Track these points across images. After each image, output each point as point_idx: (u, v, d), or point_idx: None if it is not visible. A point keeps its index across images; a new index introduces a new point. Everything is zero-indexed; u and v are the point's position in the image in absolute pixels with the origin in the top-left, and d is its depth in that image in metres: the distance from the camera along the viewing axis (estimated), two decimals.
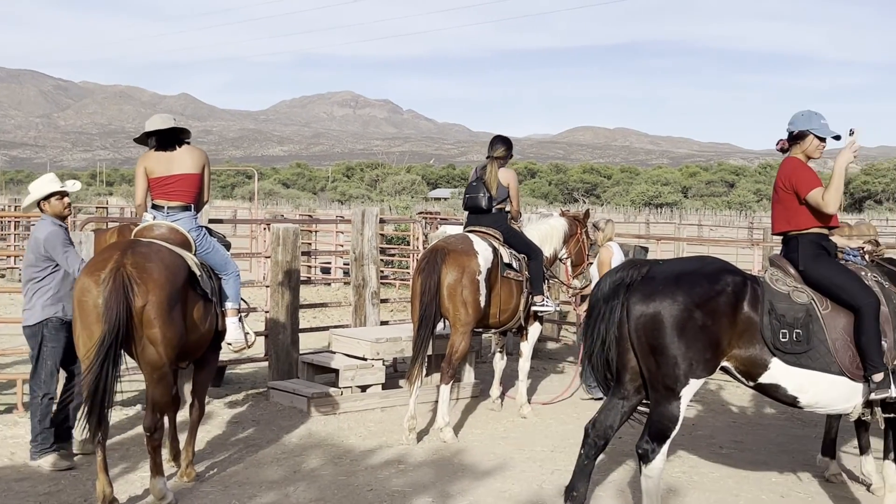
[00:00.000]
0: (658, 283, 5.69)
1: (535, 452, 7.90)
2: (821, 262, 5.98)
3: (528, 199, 78.30)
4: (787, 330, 5.67)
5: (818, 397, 5.85)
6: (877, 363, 5.67)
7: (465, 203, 9.33)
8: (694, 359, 5.57)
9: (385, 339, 9.48)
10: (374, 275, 10.74)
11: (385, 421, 8.86)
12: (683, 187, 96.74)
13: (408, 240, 19.65)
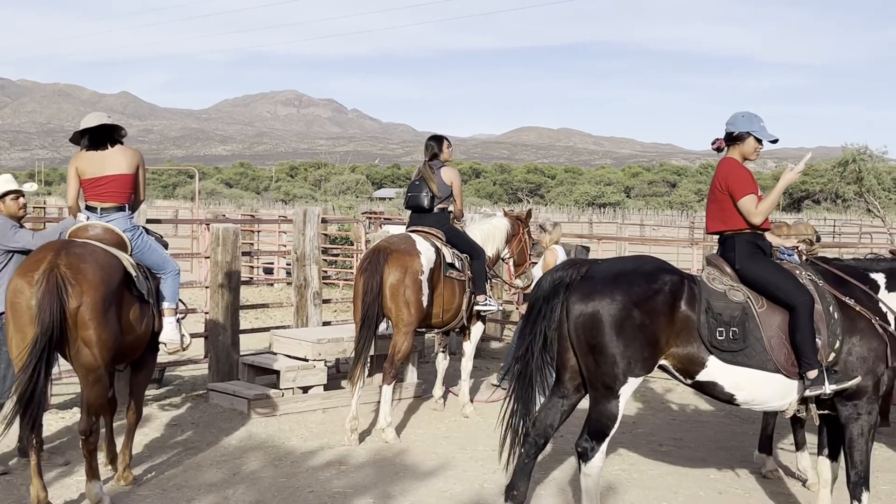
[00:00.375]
0: (597, 282, 5.73)
1: (478, 452, 7.90)
2: (756, 261, 6.05)
3: (472, 199, 78.47)
4: (724, 328, 5.73)
5: (754, 394, 5.92)
6: (811, 360, 5.75)
7: (407, 202, 9.32)
8: (632, 357, 5.61)
9: (327, 339, 9.43)
10: (315, 275, 10.67)
11: (327, 422, 8.81)
12: (626, 187, 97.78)
13: (351, 240, 19.57)
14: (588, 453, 5.73)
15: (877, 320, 5.94)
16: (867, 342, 5.91)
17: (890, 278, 6.15)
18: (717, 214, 6.21)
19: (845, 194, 60.25)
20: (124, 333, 6.34)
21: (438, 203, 9.14)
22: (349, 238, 19.97)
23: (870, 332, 5.92)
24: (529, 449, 5.98)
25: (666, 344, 5.73)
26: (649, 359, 5.70)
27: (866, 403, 5.90)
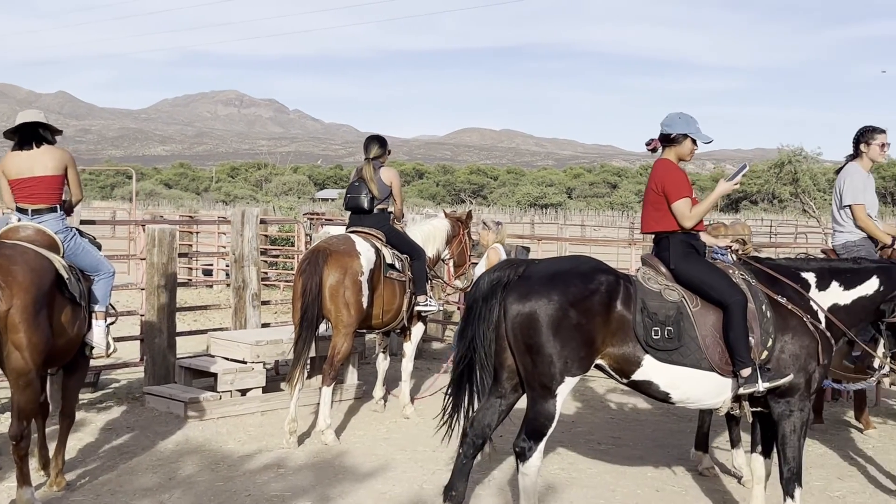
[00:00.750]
0: (534, 282, 5.74)
1: (417, 453, 7.89)
2: (691, 260, 6.10)
3: (415, 200, 78.48)
4: (659, 327, 5.77)
5: (689, 393, 5.98)
6: (745, 359, 5.82)
7: (347, 203, 9.29)
8: (569, 357, 5.64)
9: (265, 341, 9.34)
10: (254, 276, 10.57)
11: (265, 425, 8.73)
12: (568, 188, 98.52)
13: (292, 241, 19.44)
14: (526, 453, 5.74)
15: (808, 318, 6.02)
16: (799, 340, 5.99)
17: (820, 278, 6.23)
18: (652, 215, 6.26)
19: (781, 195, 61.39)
20: (56, 336, 6.22)
21: (378, 204, 9.12)
22: (290, 239, 19.85)
23: (801, 331, 6.00)
24: (467, 449, 5.98)
25: (602, 343, 5.77)
26: (586, 358, 5.73)
27: (798, 400, 5.99)
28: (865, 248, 7.56)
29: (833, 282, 6.20)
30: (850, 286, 6.19)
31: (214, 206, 68.67)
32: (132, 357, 10.37)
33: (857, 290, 6.19)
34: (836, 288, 6.19)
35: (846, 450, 8.40)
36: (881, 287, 6.17)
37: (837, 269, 6.31)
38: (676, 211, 6.10)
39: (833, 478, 7.58)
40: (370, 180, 9.04)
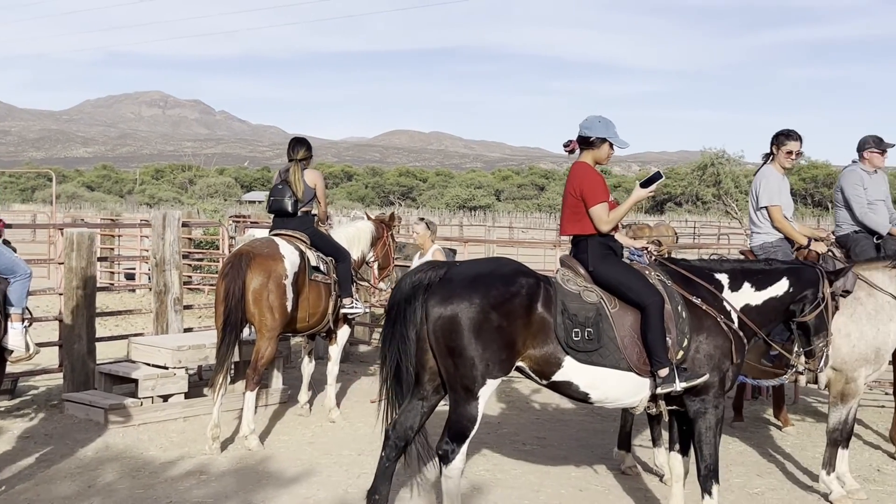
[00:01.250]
0: (455, 285, 5.76)
1: (342, 457, 7.85)
2: (609, 262, 6.18)
3: (344, 202, 78.12)
4: (579, 329, 5.83)
5: (608, 393, 6.05)
6: (662, 359, 5.90)
7: (270, 206, 9.21)
8: (490, 360, 5.66)
9: (187, 346, 9.22)
10: (176, 280, 10.42)
11: (188, 431, 8.61)
12: (496, 190, 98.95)
13: (216, 244, 19.20)
14: (449, 455, 5.75)
15: (722, 319, 6.12)
16: (713, 340, 6.09)
17: (732, 278, 6.34)
18: (571, 218, 6.30)
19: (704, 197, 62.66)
20: None
21: (302, 206, 9.07)
22: (214, 242, 19.61)
23: (716, 331, 6.10)
24: (390, 452, 5.97)
25: (523, 346, 5.80)
26: (507, 361, 5.75)
27: (713, 398, 6.09)
28: (782, 249, 7.71)
29: (745, 283, 6.32)
30: (762, 287, 6.31)
31: (138, 210, 67.56)
32: (51, 363, 10.15)
33: (768, 290, 6.30)
34: (748, 289, 6.30)
35: (765, 447, 8.58)
36: (790, 288, 6.30)
37: (749, 270, 6.42)
38: (594, 215, 6.17)
39: (752, 475, 7.73)
40: (295, 182, 8.97)
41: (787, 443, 8.77)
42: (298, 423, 9.06)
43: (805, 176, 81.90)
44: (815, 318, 6.28)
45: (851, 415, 7.21)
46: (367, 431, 8.72)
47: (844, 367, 7.13)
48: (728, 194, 57.71)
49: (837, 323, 7.16)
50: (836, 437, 7.15)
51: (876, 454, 8.48)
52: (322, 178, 9.32)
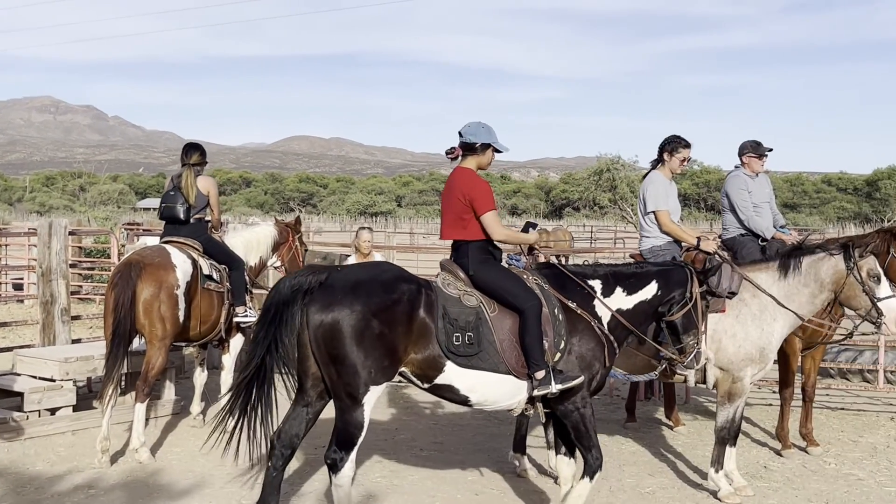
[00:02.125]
0: (336, 291, 5.71)
1: (237, 468, 7.70)
2: (488, 266, 6.25)
3: (242, 209, 77.20)
4: (460, 333, 5.88)
5: (487, 395, 6.11)
6: (539, 361, 5.97)
7: (162, 213, 9.04)
8: (373, 367, 5.65)
9: (75, 358, 8.95)
10: (63, 290, 10.14)
11: (76, 444, 8.37)
12: (397, 196, 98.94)
13: (108, 252, 18.72)
14: (338, 464, 5.71)
15: (595, 323, 6.27)
16: (587, 343, 6.23)
17: (605, 284, 6.46)
18: (456, 223, 6.30)
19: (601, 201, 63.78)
20: None
21: (195, 213, 8.92)
22: (105, 251, 19.12)
23: (589, 334, 6.24)
24: (276, 461, 5.91)
25: (405, 352, 5.80)
26: (390, 367, 5.75)
27: (580, 400, 6.21)
28: (671, 252, 7.87)
29: (617, 287, 6.46)
30: (633, 291, 6.47)
31: (28, 218, 65.44)
32: None
33: (638, 294, 6.46)
34: (620, 293, 6.45)
35: (657, 447, 8.75)
36: (659, 291, 6.46)
37: (621, 274, 6.57)
38: (487, 222, 6.22)
39: (644, 474, 7.87)
40: (188, 188, 8.83)
41: (679, 442, 8.95)
42: (191, 435, 8.87)
43: (697, 181, 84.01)
44: (683, 317, 6.43)
45: (738, 413, 7.39)
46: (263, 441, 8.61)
47: (731, 366, 7.32)
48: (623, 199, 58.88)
49: (724, 324, 7.37)
50: (724, 436, 7.33)
51: (763, 451, 8.72)
52: (216, 185, 9.18)
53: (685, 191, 77.94)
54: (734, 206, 8.83)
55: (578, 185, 72.01)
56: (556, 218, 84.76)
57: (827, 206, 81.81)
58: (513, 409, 6.30)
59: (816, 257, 7.37)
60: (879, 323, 7.20)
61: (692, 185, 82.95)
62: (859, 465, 8.24)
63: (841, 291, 7.27)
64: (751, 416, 9.84)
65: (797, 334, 8.07)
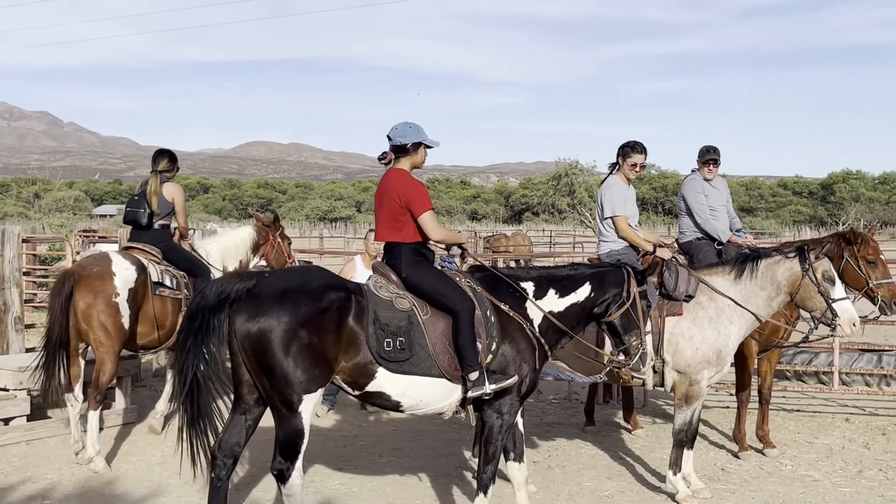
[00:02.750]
0: (263, 300, 5.61)
1: (195, 477, 7.62)
2: (421, 269, 6.19)
3: (200, 215, 76.62)
4: (391, 339, 5.81)
5: (419, 399, 6.02)
6: (472, 363, 5.92)
7: (125, 218, 9.08)
8: (304, 377, 5.56)
9: (29, 367, 8.80)
10: (17, 299, 10.01)
11: (30, 455, 8.24)
12: (357, 202, 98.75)
13: (63, 260, 18.47)
14: (285, 473, 5.63)
15: (527, 325, 6.21)
16: (517, 345, 6.17)
17: (538, 286, 6.38)
18: (392, 225, 6.22)
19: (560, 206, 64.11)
20: None
21: (159, 219, 8.93)
22: (61, 258, 18.87)
23: (520, 336, 6.19)
24: (220, 471, 5.82)
25: (336, 359, 5.72)
26: (321, 376, 5.66)
27: (507, 403, 6.14)
28: (628, 256, 7.91)
29: (550, 289, 6.38)
30: (565, 293, 6.37)
31: None
32: None
33: (571, 297, 6.36)
34: (553, 295, 6.36)
35: (616, 450, 8.79)
36: (592, 293, 6.36)
37: (554, 277, 6.48)
38: (424, 223, 6.17)
39: (603, 478, 7.90)
40: (152, 194, 8.85)
41: (637, 445, 9.00)
42: (148, 444, 8.77)
43: (655, 185, 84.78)
44: (622, 317, 6.32)
45: (696, 416, 7.45)
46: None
47: (688, 369, 7.37)
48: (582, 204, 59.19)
49: (681, 327, 7.42)
50: (682, 438, 7.38)
51: (720, 454, 8.79)
52: (181, 192, 9.18)
53: (643, 195, 78.56)
54: (690, 209, 8.91)
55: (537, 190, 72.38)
56: (516, 223, 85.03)
57: (783, 210, 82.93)
58: (444, 412, 6.25)
59: (773, 260, 7.46)
60: (834, 325, 7.29)
61: (650, 190, 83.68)
62: (815, 466, 8.34)
63: (797, 293, 7.35)
64: (708, 419, 9.92)
65: (754, 337, 8.17)
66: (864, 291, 8.12)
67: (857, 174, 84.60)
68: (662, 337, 7.41)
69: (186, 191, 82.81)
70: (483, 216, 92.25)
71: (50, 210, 71.42)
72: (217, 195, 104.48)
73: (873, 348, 11.26)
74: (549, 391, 11.31)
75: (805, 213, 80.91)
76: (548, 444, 8.94)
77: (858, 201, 77.07)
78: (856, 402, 10.91)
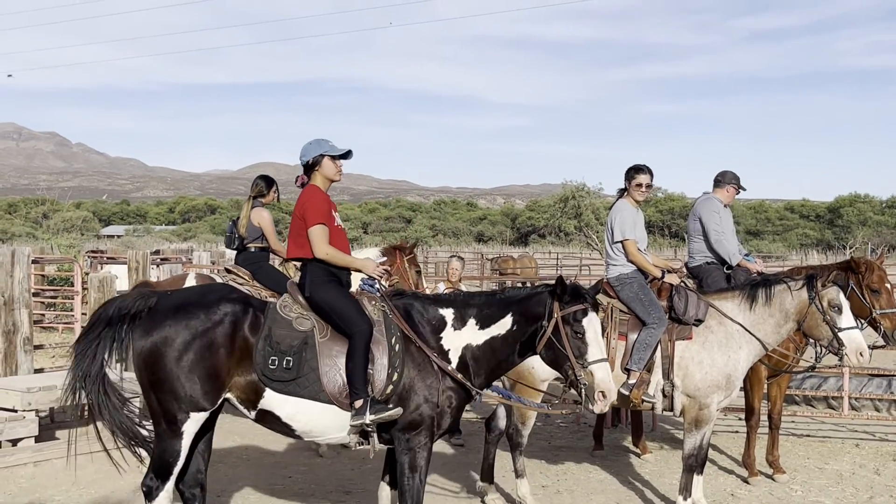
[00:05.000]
0: (158, 316, 5.59)
1: None
2: (325, 288, 5.92)
3: (207, 236, 76.70)
4: (278, 357, 5.61)
5: (311, 426, 5.79)
6: (359, 390, 5.62)
7: (224, 243, 9.53)
8: (193, 393, 5.49)
9: (37, 388, 8.83)
10: (26, 320, 10.01)
11: (38, 476, 8.25)
12: (363, 223, 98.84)
13: (72, 280, 18.52)
14: (153, 492, 5.55)
15: (436, 357, 5.76)
16: (424, 378, 5.74)
17: (457, 316, 5.93)
18: (296, 240, 6.08)
19: (567, 228, 64.15)
20: None
21: (248, 243, 9.33)
22: (69, 279, 18.91)
23: (428, 368, 5.75)
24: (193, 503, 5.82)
25: (228, 375, 5.61)
26: (211, 392, 5.56)
27: (417, 439, 5.73)
28: (637, 280, 7.90)
29: (470, 319, 5.91)
30: (486, 324, 5.86)
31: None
32: None
33: (493, 328, 5.84)
34: (472, 326, 5.88)
35: (625, 475, 8.75)
36: (514, 326, 5.80)
37: (475, 305, 5.96)
38: (311, 236, 5.93)
39: (612, 503, 7.86)
40: (242, 218, 9.35)
41: (646, 470, 8.96)
42: None
43: (662, 208, 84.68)
44: (545, 348, 5.68)
45: (705, 440, 7.42)
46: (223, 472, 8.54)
47: (697, 393, 7.35)
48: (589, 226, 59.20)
49: (691, 351, 7.41)
50: (692, 463, 7.35)
51: (730, 479, 8.75)
52: (267, 216, 9.49)
53: (649, 217, 78.52)
54: (705, 226, 8.91)
55: (544, 213, 72.37)
56: (522, 245, 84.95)
57: (790, 233, 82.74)
58: (348, 442, 5.85)
59: (781, 287, 7.43)
60: (841, 354, 7.25)
61: (656, 213, 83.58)
62: (825, 492, 8.29)
63: (804, 321, 7.33)
64: (717, 444, 9.88)
65: (763, 362, 8.15)
66: (868, 320, 8.11)
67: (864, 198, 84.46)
68: (672, 361, 7.39)
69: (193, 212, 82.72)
70: (489, 238, 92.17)
71: (58, 230, 71.64)
72: (224, 216, 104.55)
73: (883, 373, 11.22)
74: (557, 415, 11.27)
75: (812, 236, 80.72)
76: (556, 468, 8.91)
77: (866, 225, 76.89)
78: (866, 428, 10.87)
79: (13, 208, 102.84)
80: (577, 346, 5.55)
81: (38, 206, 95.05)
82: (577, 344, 5.55)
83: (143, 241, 60.90)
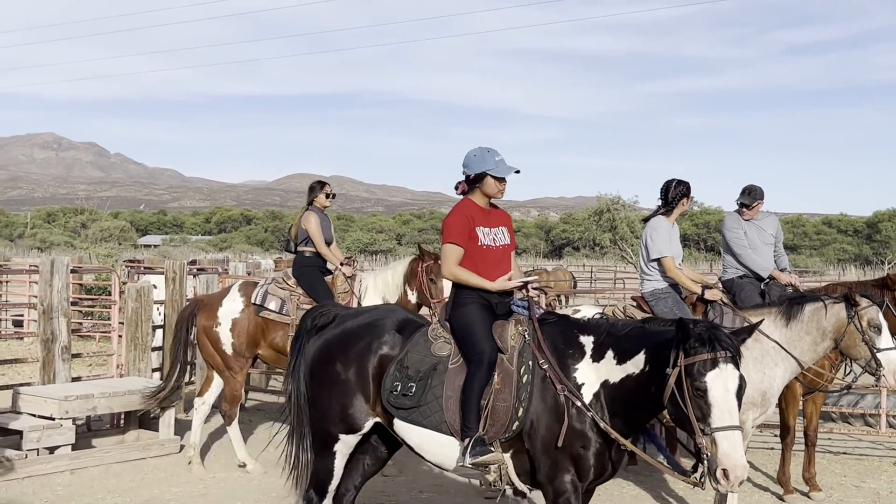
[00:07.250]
0: (328, 337, 5.78)
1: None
2: (463, 310, 5.49)
3: (243, 246, 77.30)
4: (402, 383, 5.38)
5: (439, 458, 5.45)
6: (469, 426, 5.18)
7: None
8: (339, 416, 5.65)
9: (75, 396, 8.92)
10: (64, 328, 10.13)
11: (74, 484, 8.33)
12: (398, 235, 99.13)
13: (109, 290, 18.72)
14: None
15: (563, 390, 5.07)
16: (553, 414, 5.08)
17: (597, 344, 5.19)
18: None
19: (602, 241, 63.95)
20: None
21: (298, 246, 9.47)
22: (106, 288, 19.12)
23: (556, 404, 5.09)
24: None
25: (368, 402, 5.60)
26: (356, 416, 5.62)
27: (563, 488, 5.06)
28: (672, 296, 7.87)
29: (609, 350, 5.13)
30: (624, 359, 5.05)
31: (28, 254, 65.46)
32: None
33: (627, 365, 5.03)
34: (610, 359, 5.11)
35: (659, 490, 8.69)
36: (646, 366, 4.93)
37: (616, 334, 5.18)
38: (441, 253, 5.65)
39: None
40: (294, 223, 9.62)
41: (680, 486, 8.87)
42: (190, 475, 8.81)
43: (697, 221, 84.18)
44: (670, 402, 4.75)
45: None
46: (264, 481, 8.58)
47: None
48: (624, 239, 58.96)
49: None
50: None
51: (765, 496, 8.67)
52: (313, 219, 9.45)
53: (685, 231, 78.12)
54: (729, 244, 8.97)
55: (579, 225, 72.24)
56: (556, 258, 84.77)
57: (827, 248, 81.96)
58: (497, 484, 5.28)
59: (818, 305, 7.32)
60: (879, 375, 7.14)
61: (692, 226, 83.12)
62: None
63: (842, 340, 7.23)
64: (753, 461, 9.78)
65: (798, 379, 8.06)
66: None
67: None
68: None
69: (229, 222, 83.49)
70: (523, 250, 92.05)
71: (96, 240, 72.45)
72: (260, 226, 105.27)
73: None
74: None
75: (850, 251, 79.92)
76: None
77: None
78: None
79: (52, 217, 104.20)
80: (699, 406, 4.57)
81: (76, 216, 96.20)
82: (698, 403, 4.57)
83: (180, 251, 61.39)
